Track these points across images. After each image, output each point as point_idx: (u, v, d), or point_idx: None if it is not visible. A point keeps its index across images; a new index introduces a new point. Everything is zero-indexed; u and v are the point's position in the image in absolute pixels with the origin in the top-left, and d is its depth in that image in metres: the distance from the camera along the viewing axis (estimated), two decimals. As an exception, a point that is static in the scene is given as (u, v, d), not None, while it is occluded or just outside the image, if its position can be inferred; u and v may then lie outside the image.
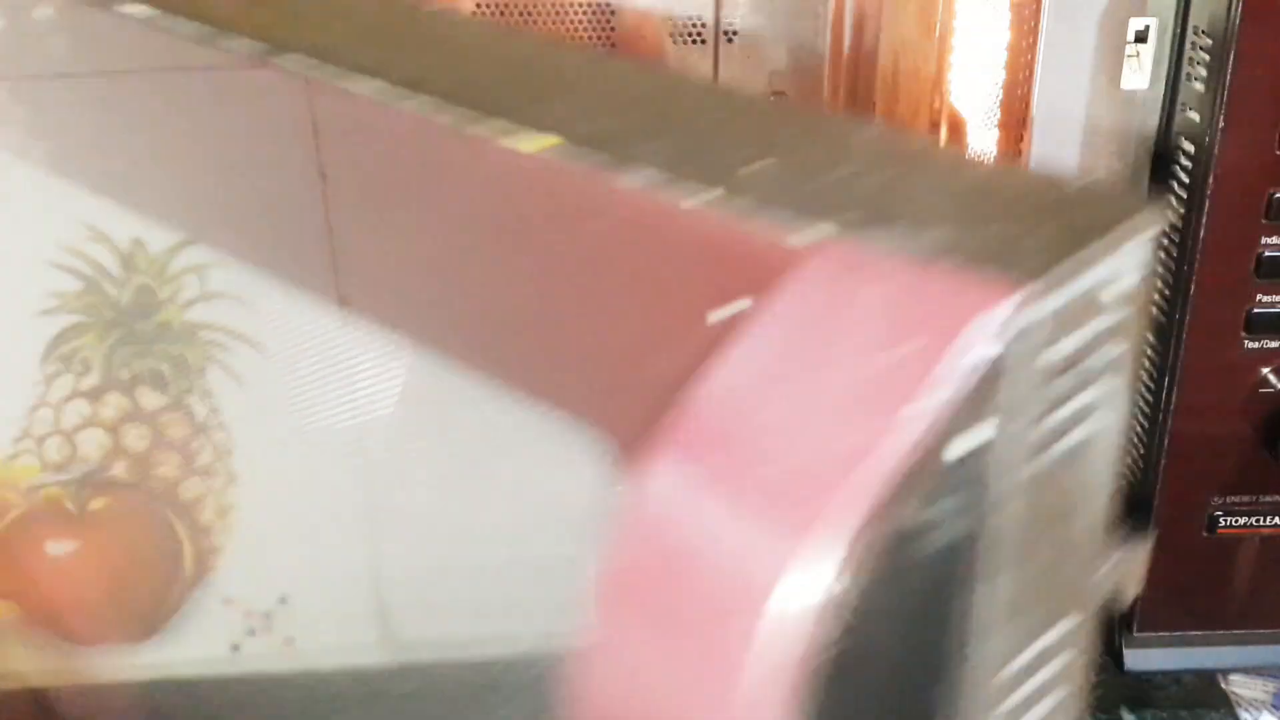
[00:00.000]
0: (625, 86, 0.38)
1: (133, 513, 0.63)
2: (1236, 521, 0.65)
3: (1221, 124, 0.57)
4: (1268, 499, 0.64)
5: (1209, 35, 0.57)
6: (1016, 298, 0.26)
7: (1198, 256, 0.59)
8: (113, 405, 0.61)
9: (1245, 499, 0.64)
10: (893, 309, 0.27)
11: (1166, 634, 0.67)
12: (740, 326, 0.29)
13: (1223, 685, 0.75)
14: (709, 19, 1.08)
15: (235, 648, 0.63)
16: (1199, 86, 0.58)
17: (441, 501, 0.56)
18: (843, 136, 0.35)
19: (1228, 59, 0.56)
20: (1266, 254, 0.59)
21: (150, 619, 0.63)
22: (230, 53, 0.40)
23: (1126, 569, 0.34)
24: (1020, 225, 0.28)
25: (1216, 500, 0.64)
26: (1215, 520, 0.65)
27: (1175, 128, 0.60)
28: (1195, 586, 0.66)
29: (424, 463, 0.58)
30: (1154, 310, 0.63)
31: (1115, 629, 0.68)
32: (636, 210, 0.32)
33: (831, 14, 1.08)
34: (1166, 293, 0.61)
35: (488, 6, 1.04)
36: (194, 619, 0.62)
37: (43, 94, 0.49)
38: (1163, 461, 0.63)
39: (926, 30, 0.87)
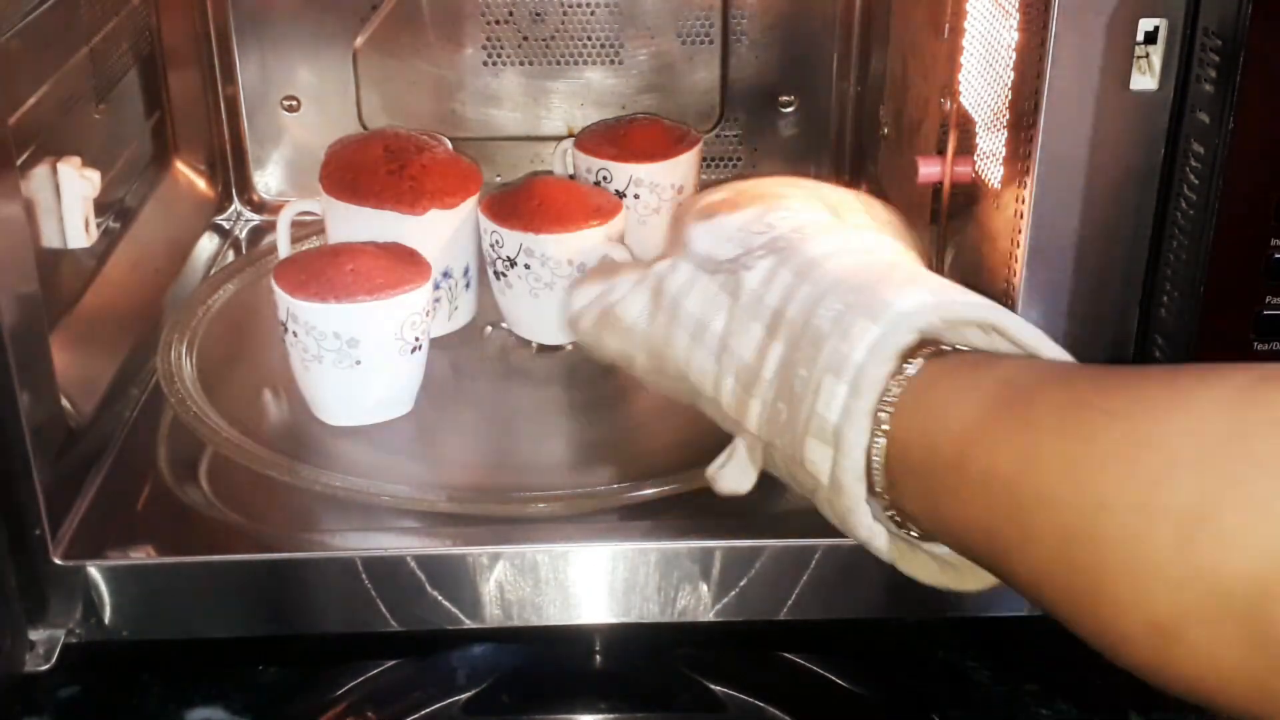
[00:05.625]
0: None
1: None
2: (1245, 524, 0.65)
3: (1231, 126, 0.57)
4: (1277, 501, 0.64)
5: (1219, 36, 0.57)
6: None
7: (1207, 259, 0.59)
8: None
9: (1254, 501, 0.64)
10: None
11: (1175, 636, 0.67)
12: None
13: (1231, 688, 0.75)
14: (717, 20, 1.08)
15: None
16: (1209, 88, 0.58)
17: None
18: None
19: (1238, 61, 0.56)
20: (1276, 256, 0.59)
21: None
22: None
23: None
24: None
25: (1225, 502, 0.64)
26: (1224, 522, 0.64)
27: (1185, 130, 0.60)
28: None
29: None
30: (1164, 313, 0.62)
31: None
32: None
33: (840, 15, 1.08)
34: (1176, 295, 0.61)
35: (497, 8, 1.05)
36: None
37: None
38: (1172, 463, 0.63)
39: (935, 31, 0.87)
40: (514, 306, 0.85)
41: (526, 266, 0.82)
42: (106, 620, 0.69)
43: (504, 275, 0.84)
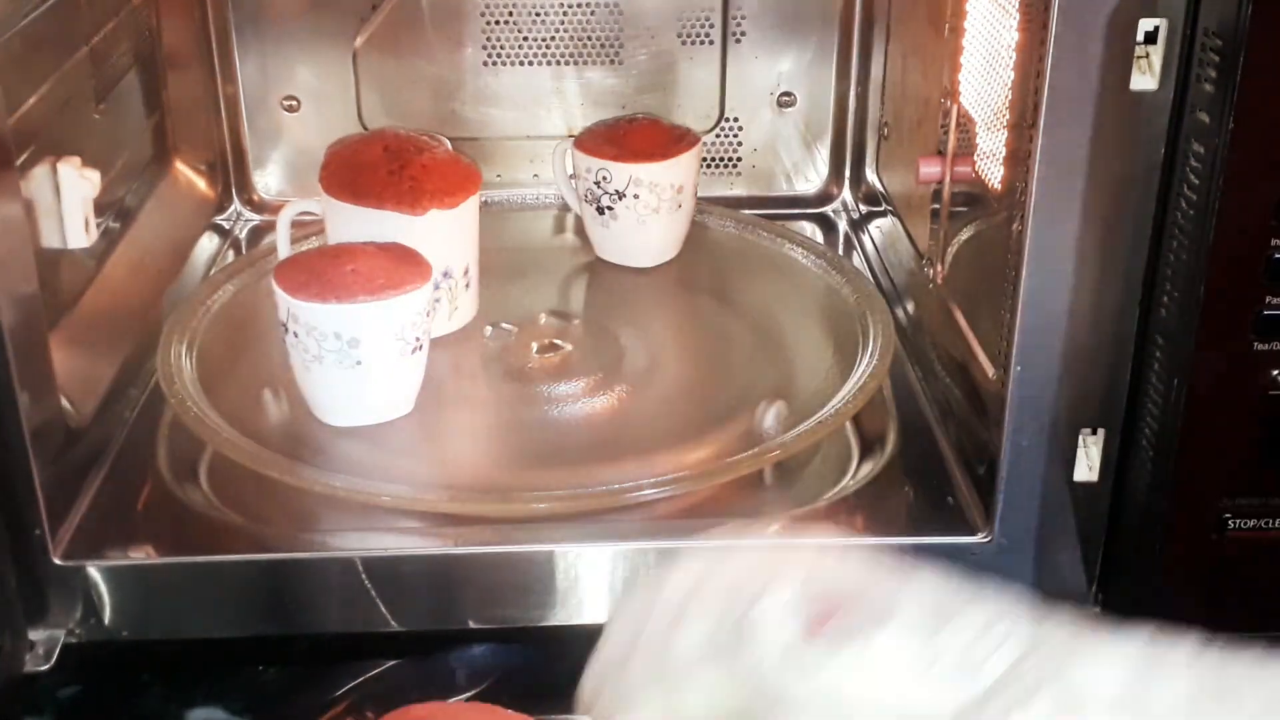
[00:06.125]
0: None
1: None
2: (1246, 523, 0.65)
3: (1231, 126, 0.57)
4: (1277, 501, 0.64)
5: (1219, 37, 0.57)
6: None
7: (1207, 259, 0.59)
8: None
9: (1254, 501, 0.64)
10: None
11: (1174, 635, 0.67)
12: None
13: (1231, 687, 0.75)
14: (717, 20, 1.08)
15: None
16: (1209, 88, 0.58)
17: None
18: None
19: (1238, 61, 0.56)
20: (1276, 256, 0.59)
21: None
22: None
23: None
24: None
25: (1226, 502, 0.64)
26: (1224, 522, 0.64)
27: (1185, 130, 0.60)
28: (1204, 587, 0.66)
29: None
30: (1164, 313, 0.62)
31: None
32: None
33: (840, 15, 1.07)
34: (1176, 295, 0.61)
35: (497, 8, 1.05)
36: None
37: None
38: (1172, 463, 0.63)
39: (936, 31, 0.87)
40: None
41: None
42: (106, 620, 0.69)
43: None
